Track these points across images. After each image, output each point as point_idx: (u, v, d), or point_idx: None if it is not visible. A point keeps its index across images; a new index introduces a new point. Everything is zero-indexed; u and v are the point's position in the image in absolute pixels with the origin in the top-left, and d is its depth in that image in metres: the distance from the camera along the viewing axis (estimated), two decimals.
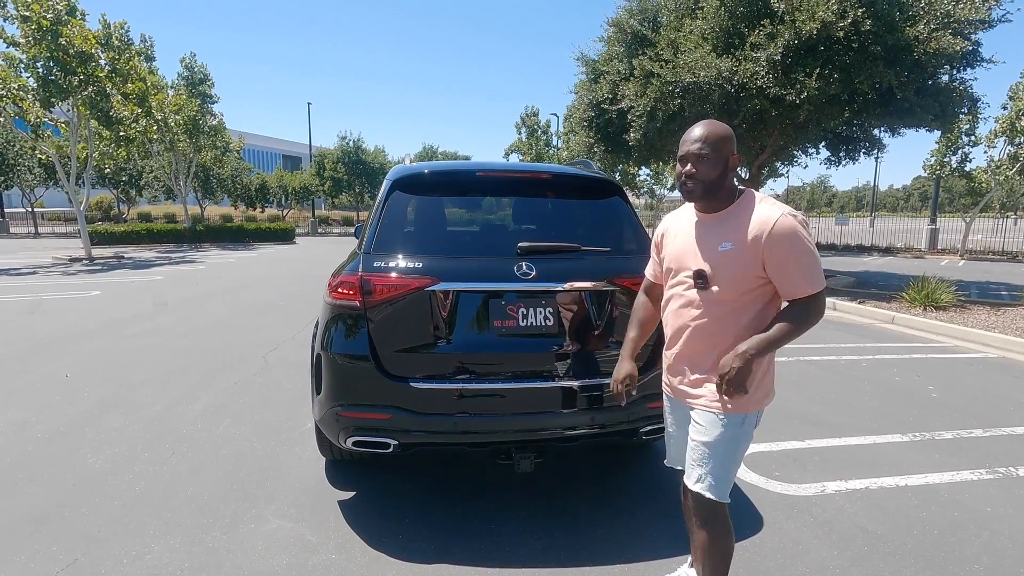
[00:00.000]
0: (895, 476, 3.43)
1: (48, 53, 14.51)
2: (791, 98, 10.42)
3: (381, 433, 2.67)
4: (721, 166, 1.85)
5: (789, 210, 1.80)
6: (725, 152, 1.85)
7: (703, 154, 1.84)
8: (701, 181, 1.87)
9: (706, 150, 1.84)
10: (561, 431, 2.75)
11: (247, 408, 4.49)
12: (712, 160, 1.84)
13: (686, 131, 1.93)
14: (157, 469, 3.44)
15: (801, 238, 1.77)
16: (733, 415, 1.90)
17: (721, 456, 1.93)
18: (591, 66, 15.37)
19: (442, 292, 2.64)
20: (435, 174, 3.07)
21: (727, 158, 1.86)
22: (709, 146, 1.84)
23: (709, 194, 1.88)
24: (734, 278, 1.84)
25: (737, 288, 1.85)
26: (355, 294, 2.65)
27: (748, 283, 1.84)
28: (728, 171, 1.87)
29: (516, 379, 2.69)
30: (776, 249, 1.77)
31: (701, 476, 1.95)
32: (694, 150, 1.86)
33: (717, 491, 1.94)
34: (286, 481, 3.31)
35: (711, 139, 1.85)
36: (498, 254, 2.79)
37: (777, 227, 1.77)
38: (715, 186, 1.87)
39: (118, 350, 6.30)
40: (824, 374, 5.67)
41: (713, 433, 1.92)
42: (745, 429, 1.94)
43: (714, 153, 1.84)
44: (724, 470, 1.94)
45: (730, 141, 1.87)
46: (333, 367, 2.70)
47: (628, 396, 2.20)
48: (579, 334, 2.75)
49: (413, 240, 2.88)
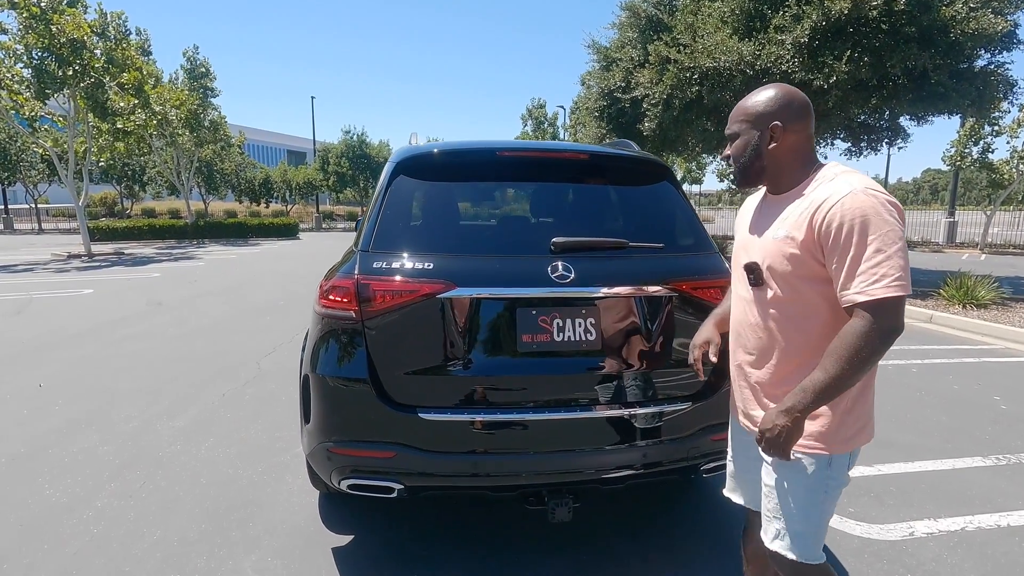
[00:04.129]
0: (991, 512, 2.90)
1: (41, 42, 14.06)
2: (818, 83, 9.83)
3: (382, 475, 2.16)
4: (753, 141, 1.51)
5: (867, 185, 1.37)
6: (759, 124, 1.50)
7: (732, 132, 1.56)
8: (735, 164, 1.57)
9: (735, 127, 1.55)
10: (606, 471, 2.24)
11: (235, 424, 4.00)
12: (743, 136, 1.54)
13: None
14: (122, 504, 2.94)
15: (872, 222, 1.32)
16: (816, 455, 1.47)
17: (803, 506, 1.49)
18: (603, 53, 14.79)
19: (458, 300, 2.12)
20: (447, 155, 2.53)
21: (766, 131, 1.49)
22: (740, 121, 1.54)
23: (751, 178, 1.56)
24: (788, 274, 1.46)
25: (794, 288, 1.46)
26: (350, 302, 2.14)
27: (809, 282, 1.44)
28: (768, 147, 1.50)
29: (550, 408, 2.16)
30: (834, 234, 1.36)
31: (779, 532, 1.54)
32: (727, 129, 1.59)
33: (800, 550, 1.50)
34: (272, 520, 2.80)
35: (743, 112, 1.54)
36: (527, 252, 2.26)
37: (839, 206, 1.35)
38: (754, 167, 1.53)
39: (102, 356, 5.82)
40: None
41: (790, 477, 1.48)
42: (833, 473, 1.48)
43: (749, 128, 1.52)
44: (808, 523, 1.50)
45: (775, 110, 1.48)
46: (323, 393, 2.19)
47: (706, 365, 1.79)
48: (628, 351, 2.23)
49: (422, 235, 2.36)
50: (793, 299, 1.46)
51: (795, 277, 1.44)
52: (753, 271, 1.52)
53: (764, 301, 1.52)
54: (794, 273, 1.43)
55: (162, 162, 26.54)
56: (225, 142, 26.53)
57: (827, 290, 1.41)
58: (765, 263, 1.49)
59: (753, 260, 1.52)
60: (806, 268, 1.42)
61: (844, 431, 1.47)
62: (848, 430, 1.47)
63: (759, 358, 1.55)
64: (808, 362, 1.42)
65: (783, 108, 1.47)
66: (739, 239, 1.67)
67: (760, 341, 1.54)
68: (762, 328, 1.53)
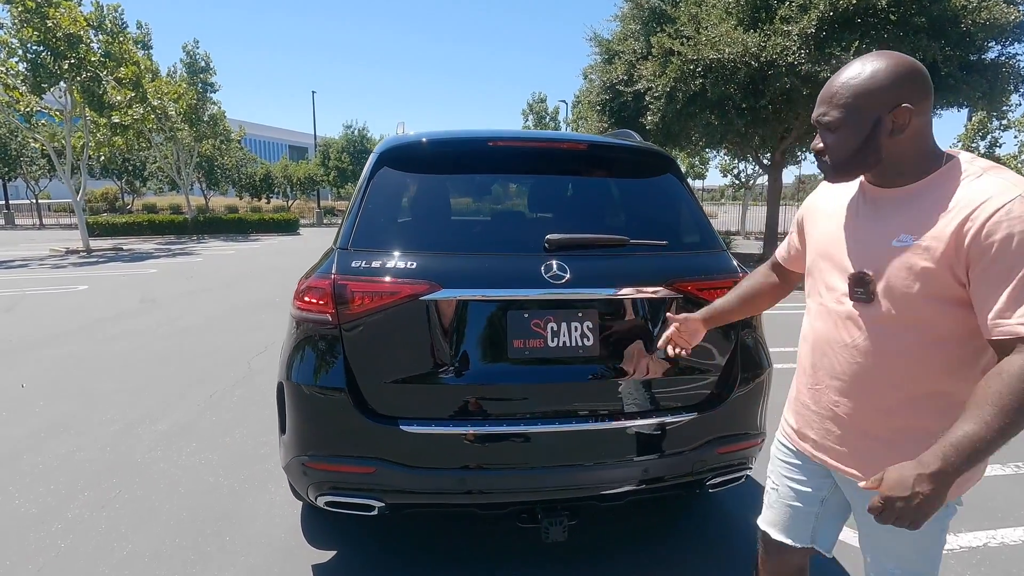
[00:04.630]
0: (1016, 527, 2.73)
1: (37, 36, 13.90)
2: (825, 75, 9.60)
3: (362, 492, 1.99)
4: (864, 132, 1.16)
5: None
6: (874, 107, 1.14)
7: (832, 119, 1.19)
8: (831, 159, 1.23)
9: (835, 113, 1.18)
10: (604, 487, 2.07)
11: (219, 428, 3.84)
12: (848, 125, 1.17)
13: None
14: (94, 515, 2.79)
15: None
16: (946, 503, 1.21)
17: (924, 548, 1.29)
18: (605, 46, 14.59)
19: (443, 302, 1.95)
20: (435, 144, 2.35)
21: (878, 117, 1.14)
22: (842, 105, 1.17)
23: (855, 173, 1.24)
24: (912, 291, 1.15)
25: (916, 309, 1.16)
26: (327, 304, 1.97)
27: (940, 304, 1.14)
28: (887, 137, 1.15)
29: (544, 420, 2.00)
30: (996, 249, 1.05)
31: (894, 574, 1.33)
32: (818, 115, 1.23)
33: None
34: (251, 533, 2.64)
35: (849, 92, 1.16)
36: (519, 250, 2.09)
37: (1004, 214, 1.04)
38: (866, 163, 1.20)
39: (91, 355, 5.67)
40: None
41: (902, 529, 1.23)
42: (944, 521, 1.28)
43: (858, 113, 1.16)
44: (930, 562, 1.32)
45: (898, 87, 1.13)
46: (298, 403, 2.03)
47: (673, 348, 1.66)
48: (629, 358, 2.06)
49: (406, 232, 2.19)
50: (913, 321, 1.17)
51: (921, 296, 1.14)
52: (863, 284, 1.21)
53: (872, 320, 1.22)
54: (922, 291, 1.14)
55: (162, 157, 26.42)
56: (225, 137, 26.34)
57: (962, 314, 1.13)
58: (880, 275, 1.19)
59: (862, 270, 1.22)
60: (939, 286, 1.12)
61: (975, 472, 1.23)
62: (977, 470, 1.23)
63: (852, 385, 1.27)
64: (919, 396, 1.20)
65: (908, 84, 1.12)
66: (822, 239, 1.35)
67: (857, 366, 1.25)
68: (863, 352, 1.24)
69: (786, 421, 1.51)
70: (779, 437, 1.55)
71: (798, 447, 1.45)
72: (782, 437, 1.53)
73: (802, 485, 1.46)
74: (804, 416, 1.41)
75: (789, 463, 1.50)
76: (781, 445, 1.53)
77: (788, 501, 1.50)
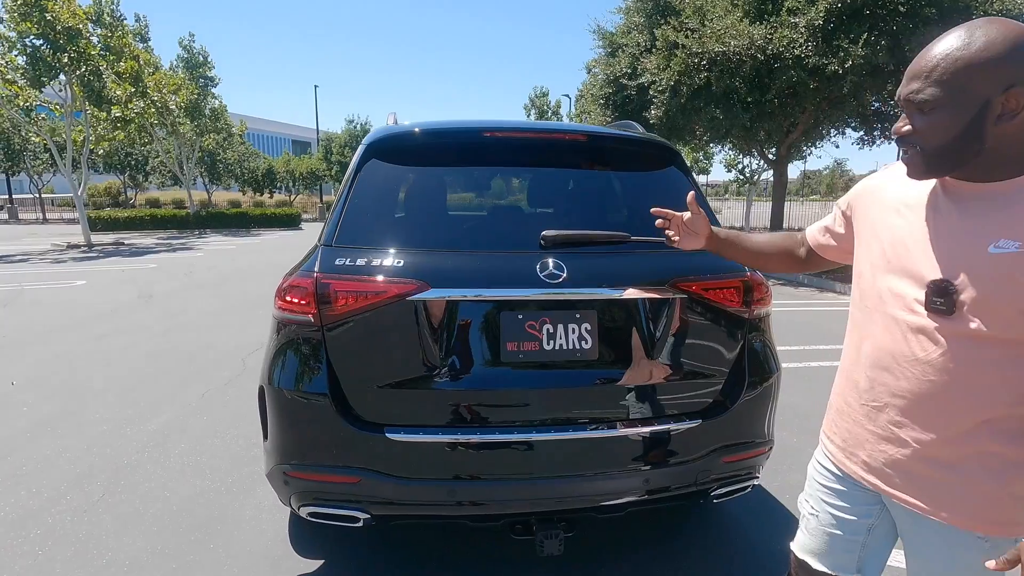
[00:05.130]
0: None
1: (36, 29, 13.81)
2: (832, 68, 9.46)
3: (346, 503, 1.89)
4: (968, 115, 0.98)
5: None
6: (983, 87, 0.96)
7: (925, 97, 1.00)
8: (923, 147, 1.04)
9: (930, 91, 0.99)
10: (603, 498, 1.96)
11: (211, 427, 3.75)
12: (948, 107, 0.99)
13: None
14: (76, 520, 2.69)
15: None
16: (1007, 540, 1.08)
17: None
18: (608, 39, 14.44)
19: (433, 302, 1.84)
20: (426, 135, 2.23)
21: (986, 99, 0.96)
22: (939, 81, 0.98)
23: (949, 167, 1.04)
24: (1010, 306, 0.98)
25: (1014, 325, 1.00)
26: (308, 304, 1.86)
27: None
28: (989, 123, 0.97)
29: (539, 428, 1.88)
30: None
31: None
32: (909, 92, 1.03)
33: None
34: (237, 540, 2.55)
35: (948, 66, 0.97)
36: (513, 247, 1.98)
37: None
38: (964, 153, 1.01)
39: (84, 352, 5.59)
40: None
41: (974, 567, 1.09)
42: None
43: (953, 93, 0.98)
44: None
45: (1004, 63, 0.94)
46: (279, 408, 1.92)
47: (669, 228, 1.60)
48: (630, 361, 1.94)
49: (394, 228, 2.07)
50: (1003, 338, 1.01)
51: (1019, 311, 0.98)
52: (944, 293, 1.04)
53: (952, 334, 1.05)
54: (1020, 304, 0.98)
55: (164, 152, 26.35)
56: (226, 131, 26.25)
57: None
58: (969, 285, 1.01)
59: (946, 279, 1.04)
60: None
61: None
62: None
63: (920, 405, 1.11)
64: (996, 419, 1.05)
65: (1011, 58, 0.93)
66: (885, 237, 1.17)
67: (928, 385, 1.08)
68: (939, 369, 1.07)
69: (828, 439, 1.33)
70: (819, 457, 1.37)
71: (844, 469, 1.28)
72: (823, 457, 1.35)
73: (847, 512, 1.30)
74: (854, 435, 1.24)
75: (831, 487, 1.32)
76: (821, 466, 1.35)
77: (830, 528, 1.32)
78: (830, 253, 1.43)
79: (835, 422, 1.31)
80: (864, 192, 1.27)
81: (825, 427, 1.36)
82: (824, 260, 1.47)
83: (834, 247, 1.40)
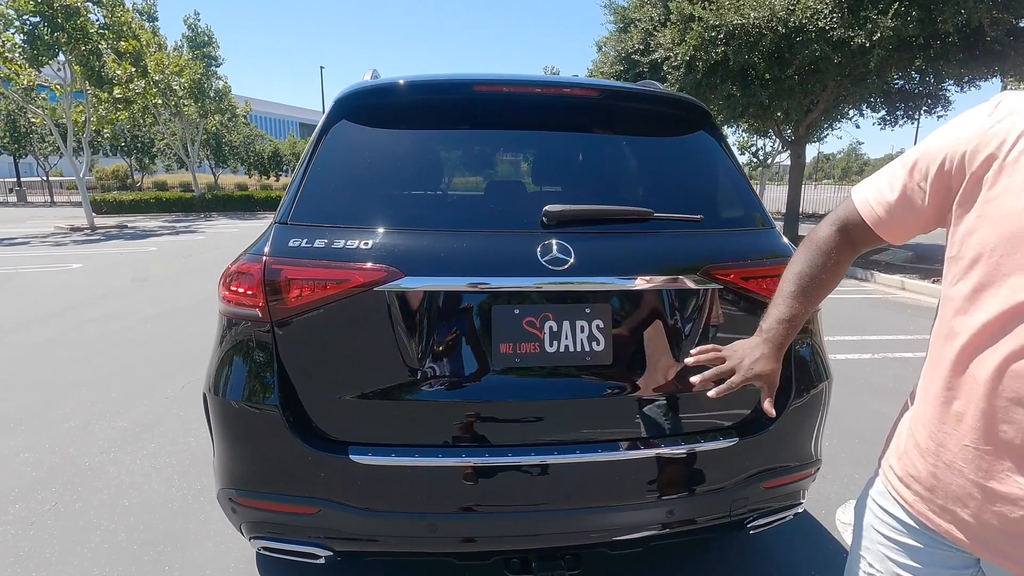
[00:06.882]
0: None
1: (33, 7, 13.48)
2: (859, 41, 8.91)
3: (303, 537, 1.55)
4: None
5: None
6: None
7: None
8: None
9: None
10: (617, 532, 1.61)
11: (184, 426, 3.44)
12: None
13: None
14: (19, 533, 2.39)
15: None
16: None
17: None
18: (620, 14, 13.88)
19: (407, 294, 1.49)
20: (405, 90, 1.82)
21: None
22: None
23: None
24: None
25: None
26: (255, 295, 1.51)
27: None
28: None
29: (540, 448, 1.53)
30: None
31: None
32: None
33: None
34: (195, 561, 2.24)
35: None
36: (508, 226, 1.61)
37: None
38: None
39: (67, 340, 5.30)
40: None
41: None
42: None
43: None
44: None
45: None
46: (224, 423, 1.59)
47: (715, 387, 1.13)
48: (651, 367, 1.58)
49: (364, 203, 1.69)
50: None
51: None
52: None
53: None
54: None
55: (170, 134, 26.05)
56: (231, 112, 25.92)
57: None
58: None
59: None
60: None
61: None
62: None
63: None
64: None
65: None
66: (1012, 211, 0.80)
67: None
68: None
69: (899, 481, 0.99)
70: (879, 499, 1.04)
71: (926, 521, 0.95)
72: (888, 501, 1.02)
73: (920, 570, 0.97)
74: (946, 484, 0.90)
75: (901, 543, 0.99)
76: (884, 511, 1.02)
77: None
78: (904, 225, 1.00)
79: (914, 463, 0.96)
80: (974, 149, 0.85)
81: (894, 463, 1.01)
82: (879, 238, 1.06)
83: (912, 219, 0.98)
